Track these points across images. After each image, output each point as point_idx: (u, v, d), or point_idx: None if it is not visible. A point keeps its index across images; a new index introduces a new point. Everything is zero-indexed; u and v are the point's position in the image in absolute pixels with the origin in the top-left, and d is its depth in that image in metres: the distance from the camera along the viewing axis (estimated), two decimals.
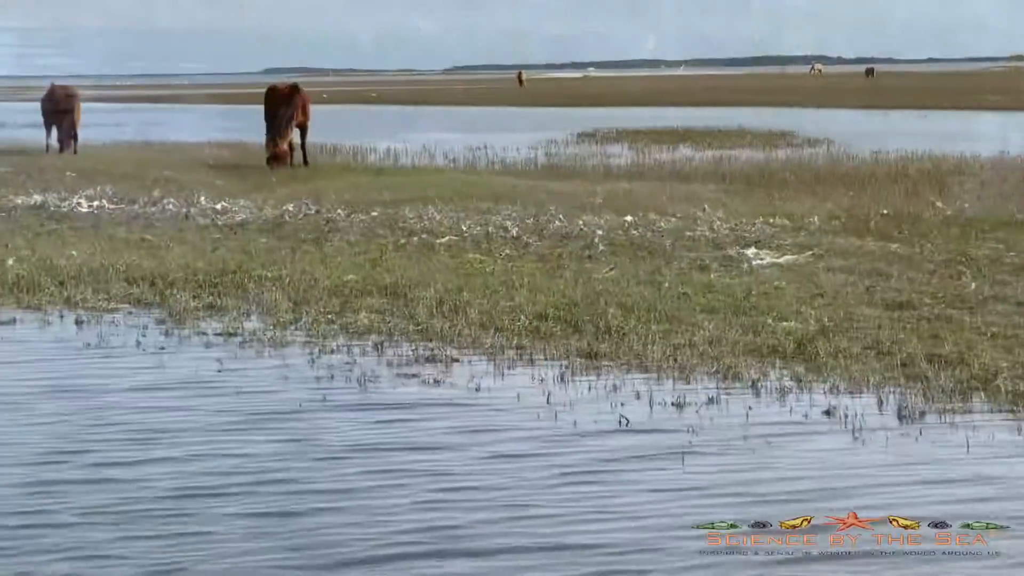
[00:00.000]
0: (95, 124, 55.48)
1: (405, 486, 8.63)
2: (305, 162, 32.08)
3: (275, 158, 31.18)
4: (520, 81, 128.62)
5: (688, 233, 18.18)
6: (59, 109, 38.24)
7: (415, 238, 18.80)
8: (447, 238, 18.76)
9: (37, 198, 23.83)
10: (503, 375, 11.36)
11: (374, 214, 21.08)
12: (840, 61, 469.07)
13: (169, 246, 18.36)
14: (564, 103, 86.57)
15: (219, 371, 11.78)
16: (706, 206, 20.96)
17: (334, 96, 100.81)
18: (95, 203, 23.06)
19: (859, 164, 32.12)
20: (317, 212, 21.36)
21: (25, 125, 61.46)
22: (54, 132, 38.50)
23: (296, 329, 13.22)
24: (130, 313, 14.28)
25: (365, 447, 9.51)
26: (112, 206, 22.94)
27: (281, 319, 13.55)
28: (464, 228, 19.45)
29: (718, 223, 19.00)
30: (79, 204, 22.89)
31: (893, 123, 55.03)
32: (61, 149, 37.88)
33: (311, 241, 18.83)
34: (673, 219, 19.51)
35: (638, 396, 10.53)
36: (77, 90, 39.20)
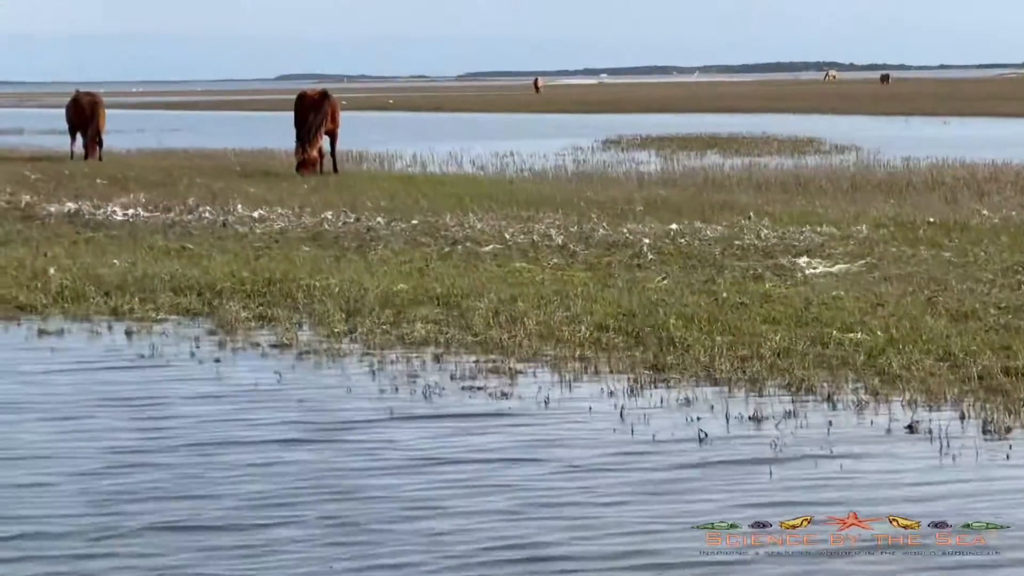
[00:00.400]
0: (114, 131, 55.43)
1: (482, 499, 8.46)
2: (335, 169, 31.91)
3: (304, 165, 31.01)
4: (536, 87, 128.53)
5: (736, 242, 17.97)
6: (84, 116, 38.12)
7: (459, 247, 18.60)
8: (491, 246, 18.57)
9: (71, 206, 23.68)
10: (570, 387, 11.17)
11: (414, 222, 20.89)
12: (852, 67, 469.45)
13: (211, 255, 18.18)
14: (582, 109, 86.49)
15: (279, 382, 11.60)
16: (751, 214, 20.76)
17: (352, 103, 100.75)
18: (130, 211, 22.90)
19: (892, 171, 31.93)
20: (357, 220, 21.18)
21: (44, 131, 61.53)
22: (79, 139, 38.38)
23: (352, 340, 13.04)
24: (180, 324, 14.11)
25: (437, 459, 9.34)
26: (147, 214, 22.78)
27: (335, 330, 13.36)
28: (508, 236, 19.26)
29: (765, 231, 18.79)
30: (114, 212, 22.74)
31: (916, 130, 54.78)
32: (86, 156, 37.76)
33: (354, 250, 18.65)
34: (719, 227, 19.31)
35: (712, 409, 10.33)
36: (101, 97, 39.04)
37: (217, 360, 12.48)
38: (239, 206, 23.01)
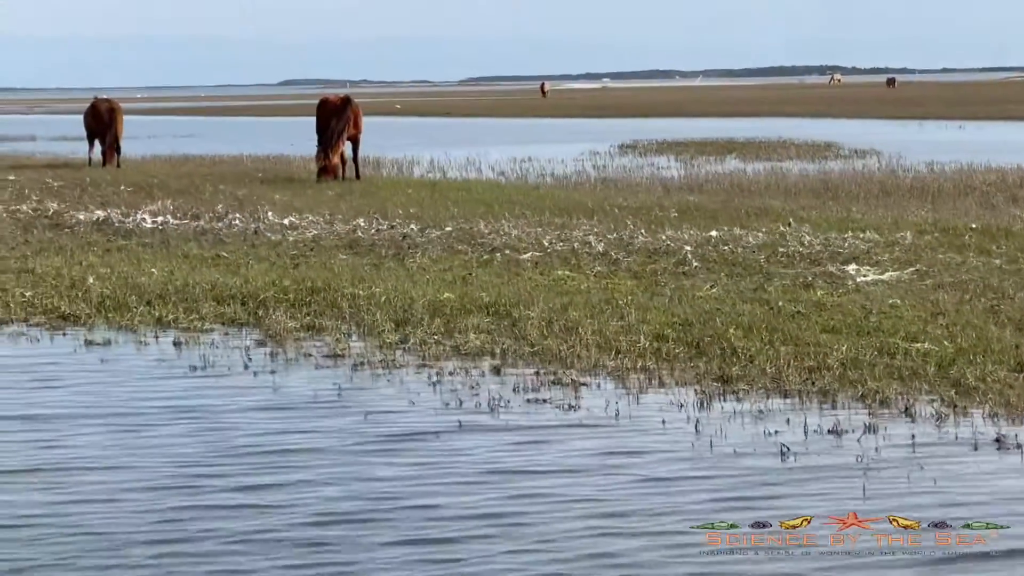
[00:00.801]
0: (127, 138, 55.23)
1: (565, 512, 8.27)
2: (357, 175, 31.71)
3: (326, 171, 30.79)
4: (543, 92, 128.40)
5: (781, 249, 17.76)
6: (102, 122, 37.94)
7: (498, 254, 18.40)
8: (530, 254, 18.37)
9: (99, 213, 23.49)
10: (637, 399, 10.97)
11: (448, 229, 20.69)
12: (855, 71, 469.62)
13: (248, 263, 17.98)
14: (591, 114, 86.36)
15: (339, 395, 11.40)
16: (790, 220, 20.54)
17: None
18: (159, 218, 22.71)
19: (918, 176, 31.73)
20: (391, 227, 20.97)
21: (56, 138, 61.42)
22: (96, 145, 38.21)
23: (405, 351, 12.84)
24: (227, 334, 13.91)
25: (508, 471, 9.17)
26: (176, 221, 22.58)
27: (387, 340, 13.17)
28: (546, 243, 19.06)
29: (807, 238, 18.57)
30: (143, 220, 22.54)
31: (931, 133, 54.56)
32: (104, 162, 37.59)
33: (392, 257, 18.45)
34: (759, 234, 19.10)
35: (788, 422, 10.12)
36: (119, 104, 38.84)
37: (272, 372, 12.27)
38: (269, 213, 22.82)
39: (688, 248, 18.09)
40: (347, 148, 32.11)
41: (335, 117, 30.81)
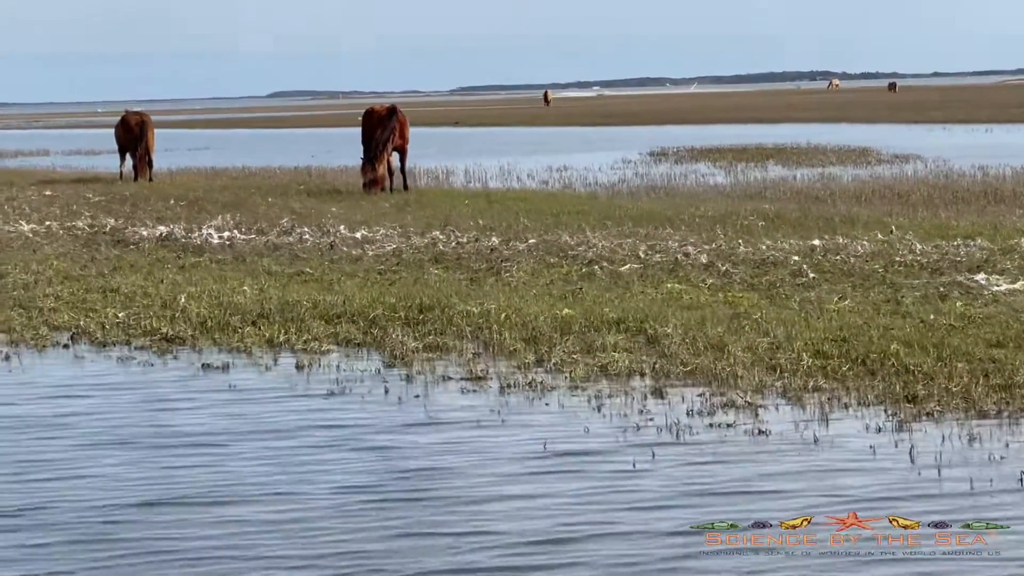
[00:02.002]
0: None
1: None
2: (405, 186, 31.00)
3: (373, 183, 30.04)
4: (546, 100, 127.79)
5: (897, 259, 17.08)
6: (132, 135, 37.23)
7: (596, 267, 17.73)
8: (628, 266, 17.71)
9: (162, 229, 22.79)
10: (826, 422, 10.29)
11: (531, 241, 20.01)
12: (845, 76, 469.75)
13: (339, 280, 17.28)
14: (599, 122, 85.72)
15: (502, 420, 10.72)
16: (893, 227, 19.88)
17: None
18: (225, 234, 22.02)
19: (979, 180, 31.09)
20: (476, 240, 20.26)
21: (71, 152, 60.74)
22: (128, 159, 37.48)
23: (547, 371, 12.18)
24: (348, 355, 13.22)
25: (730, 497, 8.52)
26: (244, 236, 21.88)
27: (523, 360, 12.50)
28: (642, 255, 18.39)
29: (918, 246, 17.91)
30: (210, 235, 21.81)
31: (961, 137, 53.92)
32: (135, 176, 36.87)
33: (486, 271, 17.77)
34: (864, 243, 18.43)
35: (1007, 446, 9.46)
36: (149, 116, 38.13)
37: (417, 396, 11.59)
38: (342, 227, 22.10)
39: (795, 258, 17.43)
40: (394, 158, 31.35)
41: (380, 128, 30.08)
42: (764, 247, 18.51)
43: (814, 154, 43.08)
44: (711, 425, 10.30)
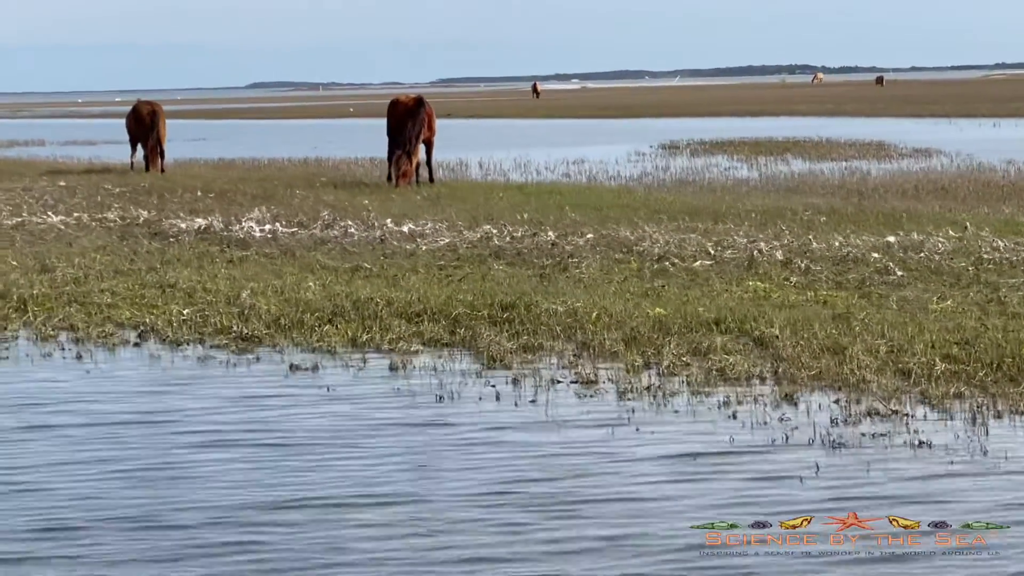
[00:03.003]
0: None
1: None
2: (431, 179, 30.33)
3: (404, 176, 29.33)
4: (536, 93, 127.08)
5: (986, 256, 16.51)
6: (144, 126, 36.46)
7: (666, 263, 17.13)
8: (700, 262, 17.10)
9: (200, 222, 22.08)
10: (986, 432, 9.69)
11: (589, 236, 19.38)
12: (825, 70, 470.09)
13: (397, 275, 16.64)
14: (593, 115, 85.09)
15: (635, 428, 10.11)
16: (968, 223, 19.32)
17: (361, 110, 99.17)
18: (266, 227, 21.32)
19: (1008, 174, 30.58)
20: (535, 235, 19.62)
21: (66, 143, 59.99)
22: (139, 149, 36.71)
23: (660, 375, 11.59)
24: (440, 356, 12.60)
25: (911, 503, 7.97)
26: (285, 230, 21.19)
27: (631, 363, 11.90)
28: (711, 251, 17.77)
29: (999, 243, 17.36)
30: (251, 228, 21.13)
31: (971, 131, 53.33)
32: (147, 167, 36.13)
33: (552, 267, 17.15)
34: (941, 240, 17.85)
35: None
36: (161, 106, 37.35)
37: (533, 401, 10.98)
38: (388, 221, 21.44)
39: (875, 255, 16.85)
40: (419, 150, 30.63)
41: (410, 119, 29.36)
42: (836, 243, 17.92)
43: (830, 148, 42.54)
44: (864, 435, 9.69)
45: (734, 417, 10.28)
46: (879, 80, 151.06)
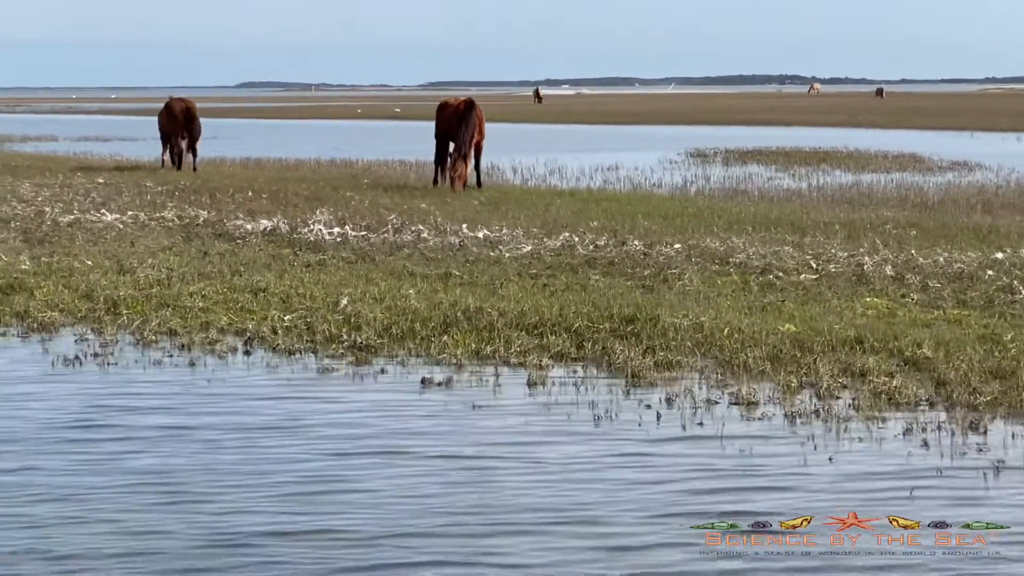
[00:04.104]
0: (153, 138, 53.19)
1: None
2: (479, 183, 29.70)
3: (459, 178, 28.69)
4: (538, 98, 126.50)
5: None
6: (176, 123, 35.78)
7: (770, 276, 16.53)
8: (803, 275, 16.51)
9: (264, 223, 21.44)
10: None
11: (677, 246, 18.78)
12: (814, 80, 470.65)
13: (502, 284, 16.01)
14: (600, 120, 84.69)
15: (829, 459, 9.49)
16: None
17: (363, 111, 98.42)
18: (335, 230, 20.69)
19: None
20: (623, 244, 19.01)
21: (79, 139, 59.35)
22: (175, 147, 36.02)
23: (820, 397, 10.99)
24: (575, 372, 12.03)
25: None
26: (355, 233, 20.56)
27: (785, 383, 11.31)
28: (812, 264, 17.19)
29: None
30: (320, 231, 20.50)
31: (1001, 145, 52.83)
32: (178, 165, 35.48)
33: (653, 278, 16.55)
34: None
35: None
36: (194, 103, 36.67)
37: (700, 424, 10.37)
38: (463, 227, 20.81)
39: (990, 273, 16.28)
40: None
41: (462, 123, 28.76)
42: (941, 259, 17.35)
43: (863, 159, 42.03)
44: None
45: (925, 446, 9.68)
46: (879, 92, 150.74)
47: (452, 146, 29.52)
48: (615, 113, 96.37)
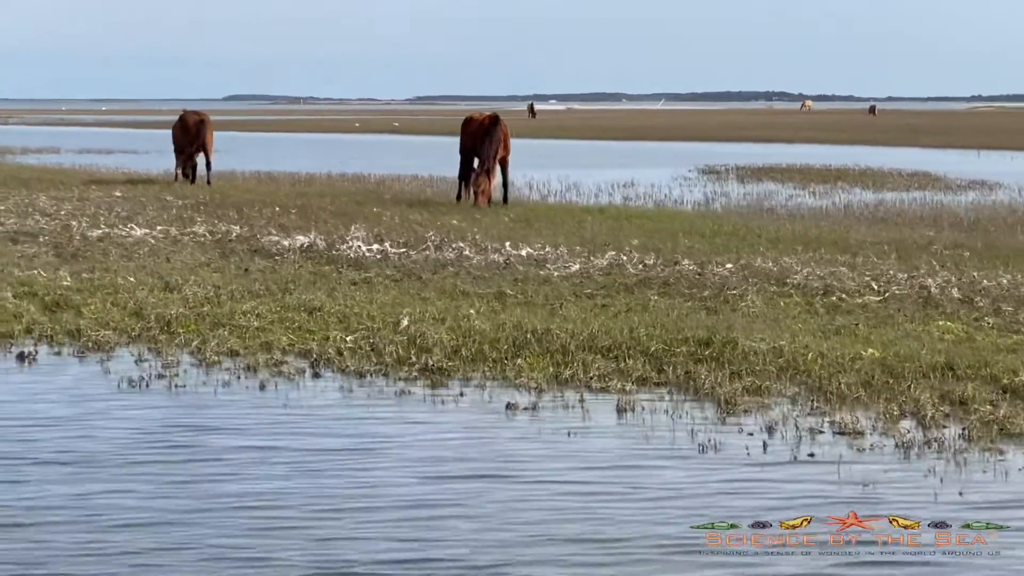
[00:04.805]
0: (156, 151, 52.76)
1: None
2: (505, 199, 29.28)
3: (483, 194, 28.29)
4: (532, 113, 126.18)
5: None
6: (190, 135, 35.34)
7: (833, 297, 16.16)
8: (866, 298, 16.13)
9: (301, 239, 21.01)
10: None
11: (729, 267, 18.40)
12: (802, 97, 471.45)
13: (561, 304, 15.61)
14: (598, 136, 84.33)
15: (959, 492, 9.07)
16: None
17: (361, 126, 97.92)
18: (374, 247, 20.27)
19: None
20: (674, 263, 18.61)
21: (81, 151, 58.90)
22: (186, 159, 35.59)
23: (925, 426, 10.57)
24: (661, 398, 11.62)
25: None
26: (394, 250, 20.14)
27: (887, 411, 10.90)
28: (874, 285, 16.81)
29: None
30: (359, 248, 20.08)
31: (1001, 165, 52.55)
32: (192, 178, 35.04)
33: (714, 299, 16.15)
34: None
35: None
36: (208, 116, 36.24)
37: (811, 455, 9.95)
38: (507, 244, 20.40)
39: None
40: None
41: (487, 138, 28.38)
42: (1005, 281, 16.99)
43: (879, 177, 41.74)
44: None
45: None
46: (872, 110, 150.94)
47: (477, 161, 29.10)
48: (610, 128, 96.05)
